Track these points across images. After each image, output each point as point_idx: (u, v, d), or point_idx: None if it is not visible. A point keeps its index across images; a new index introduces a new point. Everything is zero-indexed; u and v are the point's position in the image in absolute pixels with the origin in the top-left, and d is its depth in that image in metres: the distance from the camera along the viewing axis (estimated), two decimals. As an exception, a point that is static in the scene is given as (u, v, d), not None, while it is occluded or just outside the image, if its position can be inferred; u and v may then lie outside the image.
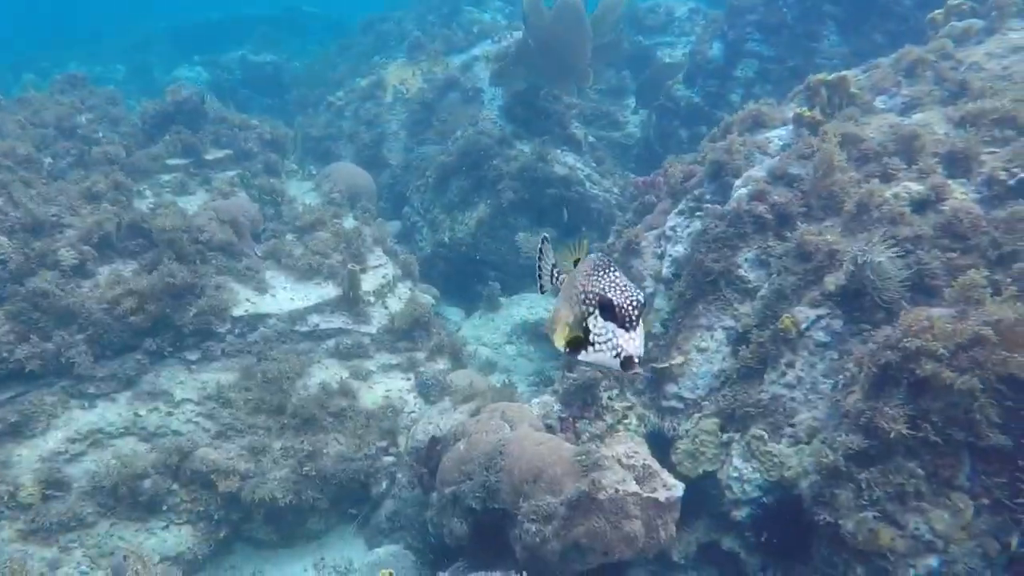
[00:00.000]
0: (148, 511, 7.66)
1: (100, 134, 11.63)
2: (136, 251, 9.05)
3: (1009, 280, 5.46)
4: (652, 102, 14.80)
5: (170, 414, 8.21)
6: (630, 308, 2.83)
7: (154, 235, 8.92)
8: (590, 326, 2.90)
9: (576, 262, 3.15)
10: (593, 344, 2.90)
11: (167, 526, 7.68)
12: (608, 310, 2.86)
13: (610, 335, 2.85)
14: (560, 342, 3.02)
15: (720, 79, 13.83)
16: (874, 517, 5.16)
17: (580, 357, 2.95)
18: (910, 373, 5.23)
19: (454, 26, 17.48)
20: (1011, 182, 6.27)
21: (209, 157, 12.07)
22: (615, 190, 12.54)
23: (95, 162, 10.92)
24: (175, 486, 7.81)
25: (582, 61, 12.53)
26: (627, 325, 2.83)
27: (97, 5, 41.65)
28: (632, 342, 2.82)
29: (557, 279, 3.38)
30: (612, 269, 2.94)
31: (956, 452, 5.11)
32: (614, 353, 2.84)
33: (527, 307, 11.63)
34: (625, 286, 2.88)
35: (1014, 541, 4.92)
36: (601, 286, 2.89)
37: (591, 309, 2.90)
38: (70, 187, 9.61)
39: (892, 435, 5.12)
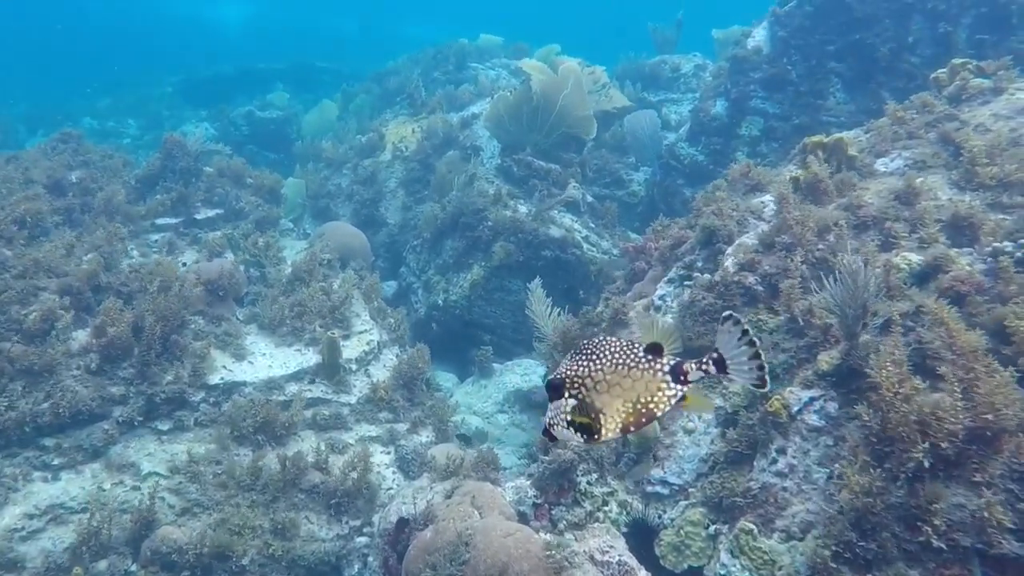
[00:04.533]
0: (103, 595, 7.23)
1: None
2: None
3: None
4: (654, 160, 14.52)
5: (136, 488, 7.81)
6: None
7: (140, 300, 8.65)
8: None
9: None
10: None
11: (124, 611, 7.25)
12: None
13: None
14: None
15: (724, 137, 13.50)
16: (870, 631, 4.65)
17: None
18: (906, 466, 4.76)
19: (459, 79, 17.36)
20: (1019, 254, 5.84)
21: (200, 216, 11.86)
22: (615, 251, 12.18)
23: (81, 220, 10.76)
24: (134, 567, 7.38)
25: (584, 117, 12.34)
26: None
27: (116, 54, 42.48)
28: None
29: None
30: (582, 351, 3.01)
31: (964, 559, 4.60)
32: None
33: (521, 374, 11.20)
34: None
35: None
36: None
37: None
38: (53, 249, 9.39)
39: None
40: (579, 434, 2.94)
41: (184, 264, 10.43)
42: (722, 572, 5.77)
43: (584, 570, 5.26)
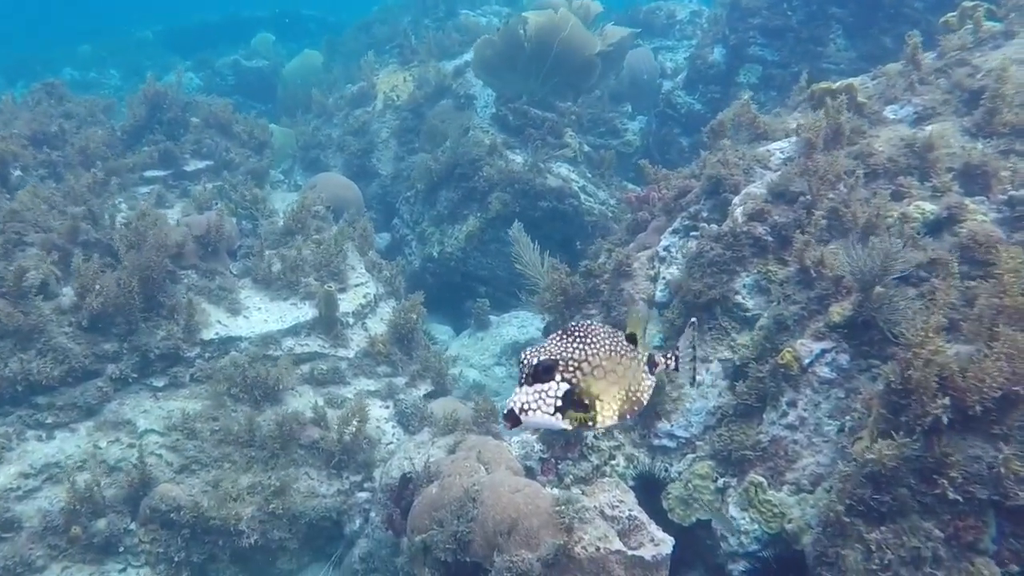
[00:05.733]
0: (104, 552, 7.14)
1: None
2: (105, 268, 8.54)
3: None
4: (650, 108, 14.27)
5: (132, 446, 7.68)
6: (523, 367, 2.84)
7: (121, 255, 8.39)
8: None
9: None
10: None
11: (124, 569, 7.15)
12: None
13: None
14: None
15: (722, 85, 13.27)
16: (885, 584, 4.60)
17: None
18: (924, 419, 4.68)
19: (448, 28, 16.93)
20: (1035, 202, 5.72)
21: (189, 168, 11.58)
22: (611, 201, 11.99)
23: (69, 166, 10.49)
24: (133, 525, 7.29)
25: (586, 59, 12.00)
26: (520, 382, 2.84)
27: (97, 4, 41.38)
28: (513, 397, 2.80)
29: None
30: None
31: (980, 512, 4.54)
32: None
33: (518, 326, 11.09)
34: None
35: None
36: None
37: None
38: (38, 201, 9.13)
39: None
40: (567, 421, 2.82)
41: (175, 218, 10.19)
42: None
43: (595, 525, 5.19)
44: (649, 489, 6.25)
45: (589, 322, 2.93)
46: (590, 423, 2.86)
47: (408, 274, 12.21)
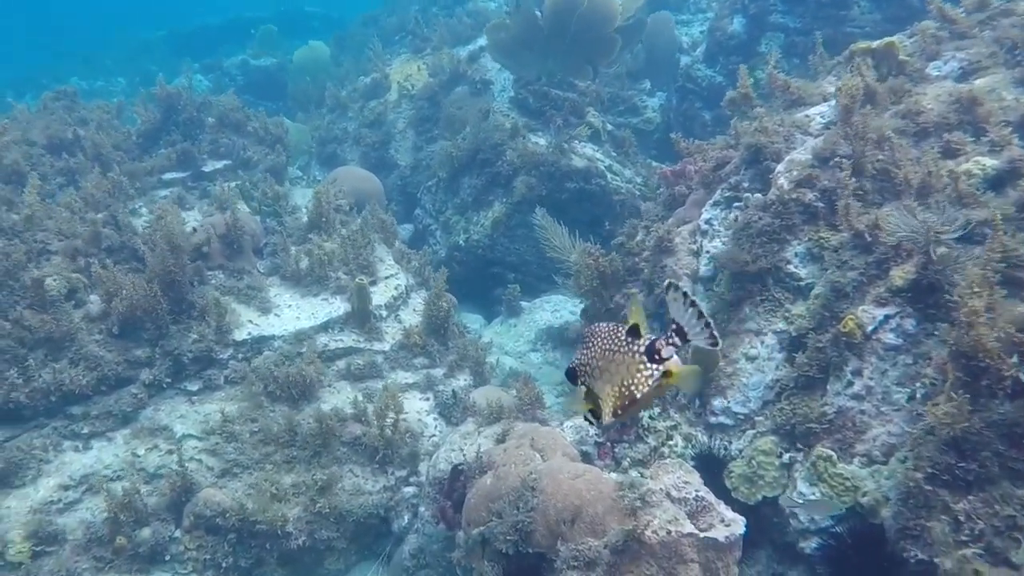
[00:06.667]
0: (149, 562, 7.00)
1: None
2: (129, 273, 8.38)
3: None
4: (669, 83, 13.99)
5: (171, 452, 7.54)
6: None
7: (147, 258, 8.23)
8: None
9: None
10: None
11: (171, 577, 7.04)
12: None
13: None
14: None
15: (743, 55, 12.93)
16: (978, 555, 4.38)
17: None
18: (1004, 382, 4.46)
19: (459, 14, 16.68)
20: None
21: (207, 168, 11.41)
22: (638, 180, 11.76)
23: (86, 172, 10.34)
24: (178, 532, 7.16)
25: (606, 35, 11.69)
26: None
27: (98, 15, 41.25)
28: None
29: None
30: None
31: (1074, 475, 4.33)
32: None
33: (551, 311, 10.88)
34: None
35: None
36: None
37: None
38: (60, 209, 8.99)
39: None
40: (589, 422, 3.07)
41: (196, 219, 10.02)
42: (800, 501, 5.52)
43: (663, 508, 4.99)
44: (709, 468, 6.05)
45: (597, 324, 3.04)
46: (600, 421, 3.02)
47: (435, 264, 12.01)
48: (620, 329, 2.95)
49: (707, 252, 7.07)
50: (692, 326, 2.78)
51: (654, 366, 2.85)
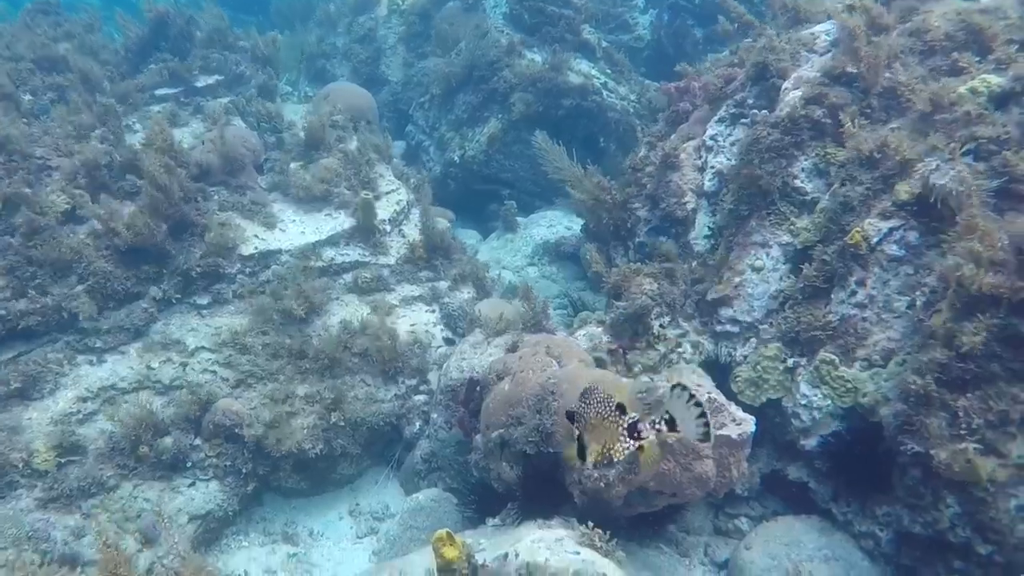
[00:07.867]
0: (172, 469, 7.24)
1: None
2: (132, 192, 8.40)
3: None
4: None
5: (185, 364, 7.71)
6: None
7: (144, 173, 8.21)
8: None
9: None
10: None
11: (193, 483, 7.27)
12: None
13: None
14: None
15: (737, -30, 12.87)
16: (972, 448, 4.72)
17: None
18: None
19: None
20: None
21: (200, 84, 11.26)
22: (632, 97, 11.80)
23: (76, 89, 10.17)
24: (198, 441, 7.38)
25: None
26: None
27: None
28: None
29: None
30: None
31: (1065, 373, 4.64)
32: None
33: (547, 226, 11.04)
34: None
35: None
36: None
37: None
38: (54, 126, 8.90)
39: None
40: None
41: (192, 135, 9.96)
42: (803, 402, 5.85)
43: (679, 410, 5.27)
44: (713, 374, 6.33)
45: (596, 390, 3.59)
46: (583, 460, 3.61)
47: (429, 180, 12.08)
48: (612, 401, 3.56)
49: (712, 168, 7.24)
50: (687, 422, 3.44)
51: (632, 442, 3.51)
